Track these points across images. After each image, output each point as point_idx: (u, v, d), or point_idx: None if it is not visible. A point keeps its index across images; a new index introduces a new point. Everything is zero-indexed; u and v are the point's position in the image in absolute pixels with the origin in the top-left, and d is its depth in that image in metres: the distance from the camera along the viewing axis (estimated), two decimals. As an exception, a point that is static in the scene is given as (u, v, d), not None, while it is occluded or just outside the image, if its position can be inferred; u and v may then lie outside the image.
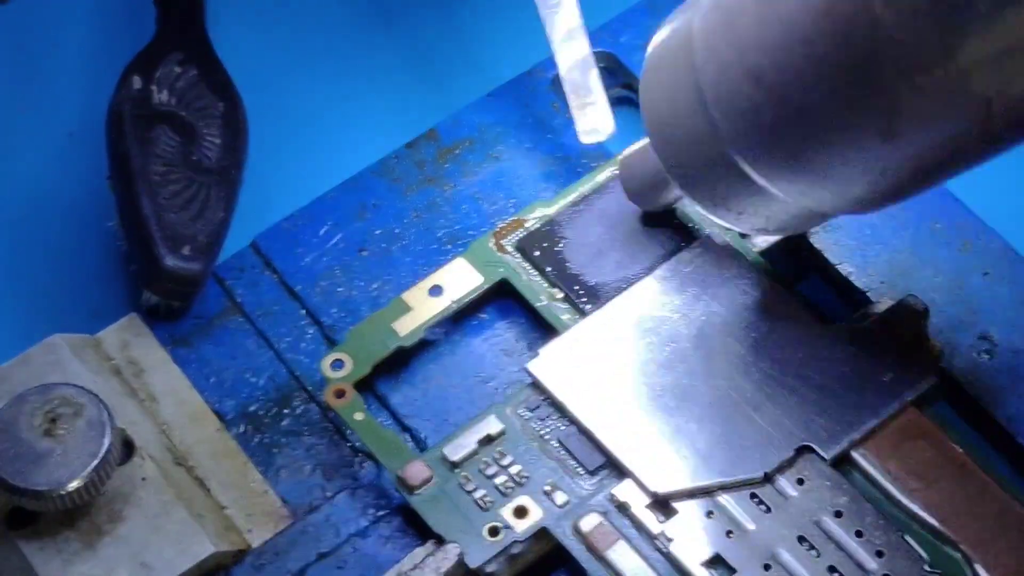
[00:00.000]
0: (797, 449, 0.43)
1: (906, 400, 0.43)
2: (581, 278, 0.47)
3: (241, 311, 0.48)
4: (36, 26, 0.56)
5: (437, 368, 0.47)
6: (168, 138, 0.49)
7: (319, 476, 0.45)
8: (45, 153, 0.53)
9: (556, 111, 0.51)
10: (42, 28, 0.56)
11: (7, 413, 0.42)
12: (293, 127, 0.53)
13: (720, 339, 0.44)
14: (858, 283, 0.46)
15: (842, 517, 0.42)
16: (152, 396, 0.47)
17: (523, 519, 0.43)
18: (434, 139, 0.51)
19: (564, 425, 0.44)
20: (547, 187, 0.49)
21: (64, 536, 0.43)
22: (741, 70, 0.38)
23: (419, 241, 0.49)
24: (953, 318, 0.46)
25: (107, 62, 0.53)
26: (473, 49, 0.54)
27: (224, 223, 0.48)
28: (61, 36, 0.55)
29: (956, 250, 0.46)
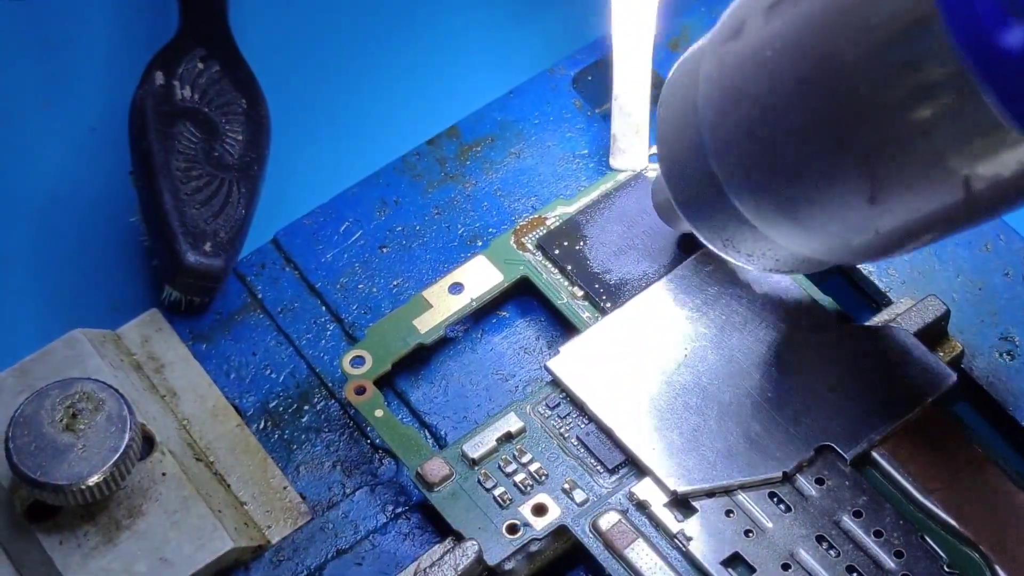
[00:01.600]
0: (817, 449, 0.43)
1: (926, 401, 0.43)
2: (601, 276, 0.47)
3: (262, 307, 0.48)
4: (58, 21, 0.56)
5: (457, 365, 0.47)
6: (190, 134, 0.49)
7: (338, 472, 0.45)
8: (67, 148, 0.53)
9: (578, 109, 0.51)
10: (64, 24, 0.56)
11: (28, 407, 0.43)
12: (314, 124, 0.53)
13: (740, 338, 0.44)
14: (879, 283, 0.46)
15: (861, 517, 0.42)
16: (172, 391, 0.47)
17: (542, 517, 0.43)
18: (455, 136, 0.51)
19: (584, 423, 0.44)
20: (568, 185, 0.49)
21: (84, 530, 0.43)
22: (735, 121, 0.38)
23: (440, 238, 0.49)
24: (974, 319, 0.45)
25: (129, 58, 0.53)
26: (495, 47, 0.54)
27: (245, 219, 0.48)
28: (83, 32, 0.56)
29: (977, 250, 0.46)
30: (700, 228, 0.42)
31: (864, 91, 0.34)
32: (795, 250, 0.40)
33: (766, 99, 0.37)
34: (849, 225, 0.37)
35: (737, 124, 0.38)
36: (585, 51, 0.52)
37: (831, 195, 0.37)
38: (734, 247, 0.41)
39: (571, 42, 0.52)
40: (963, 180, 0.35)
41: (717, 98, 0.39)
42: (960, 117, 0.33)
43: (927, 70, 0.33)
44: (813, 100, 0.36)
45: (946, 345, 0.45)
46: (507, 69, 0.53)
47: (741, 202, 0.39)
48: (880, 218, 0.37)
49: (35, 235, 0.51)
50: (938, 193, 0.35)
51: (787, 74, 0.36)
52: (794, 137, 0.37)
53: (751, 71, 0.37)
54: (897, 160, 0.35)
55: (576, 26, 0.53)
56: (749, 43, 0.37)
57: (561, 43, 0.53)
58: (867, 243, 0.38)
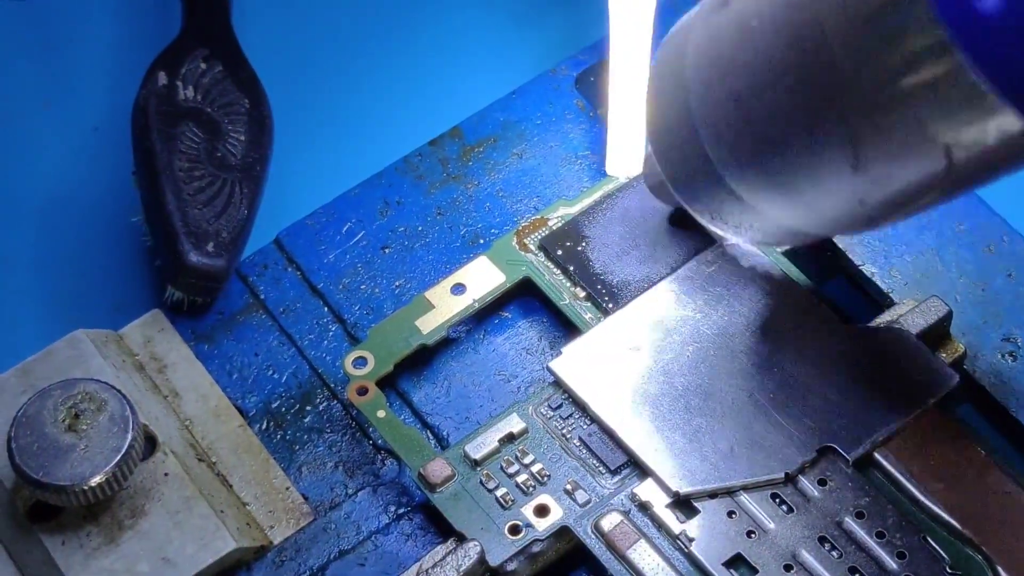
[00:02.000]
0: (819, 450, 0.43)
1: (929, 402, 0.43)
2: (604, 277, 0.47)
3: (264, 308, 0.48)
4: (61, 21, 0.56)
5: (459, 366, 0.47)
6: (193, 134, 0.49)
7: (341, 473, 0.45)
8: (69, 149, 0.53)
9: (580, 110, 0.51)
10: (67, 23, 0.56)
11: (31, 408, 0.43)
12: (316, 124, 0.53)
13: (743, 339, 0.44)
14: (882, 284, 0.46)
15: (864, 518, 0.42)
16: (175, 392, 0.47)
17: (544, 518, 0.43)
18: (458, 137, 0.51)
19: (586, 424, 0.44)
20: (570, 186, 0.49)
21: (86, 530, 0.43)
22: (722, 92, 0.38)
23: (442, 239, 0.49)
24: (977, 320, 0.45)
25: (131, 58, 0.53)
26: (497, 47, 0.54)
27: (248, 220, 0.48)
28: (85, 32, 0.56)
29: (980, 252, 0.46)
30: (688, 200, 0.42)
31: (846, 59, 0.34)
32: (782, 221, 0.40)
33: (751, 68, 0.37)
34: (833, 194, 0.38)
35: (724, 94, 0.38)
36: (588, 52, 0.52)
37: (815, 164, 0.37)
38: (722, 219, 0.41)
39: (573, 43, 0.52)
40: (944, 148, 0.35)
41: (704, 68, 0.39)
42: (941, 84, 0.33)
43: (908, 37, 0.33)
44: (797, 69, 0.36)
45: (948, 346, 0.45)
46: (509, 69, 0.53)
47: (728, 173, 0.39)
48: (864, 187, 0.37)
49: (37, 235, 0.51)
50: (920, 162, 0.35)
51: (772, 43, 0.36)
52: (779, 106, 0.37)
53: (737, 40, 0.37)
54: (879, 128, 0.35)
55: (578, 26, 0.53)
56: (735, 13, 0.37)
57: (563, 43, 0.53)
58: (852, 213, 0.38)
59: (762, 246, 0.42)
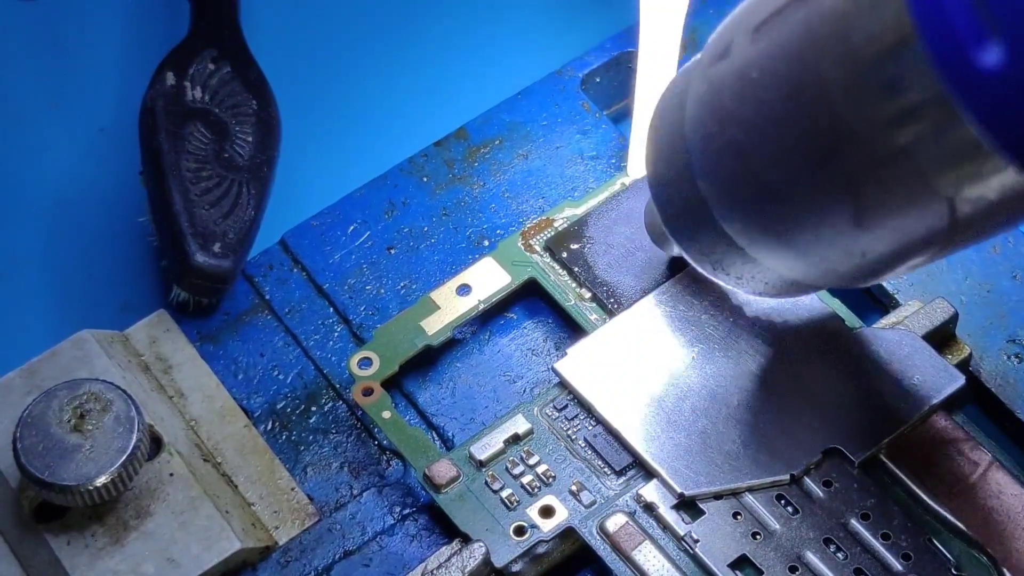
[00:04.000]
0: (824, 451, 0.43)
1: (934, 403, 0.43)
2: (609, 278, 0.47)
3: (269, 308, 0.48)
4: (68, 23, 0.56)
5: (464, 367, 0.47)
6: (200, 135, 0.49)
7: (346, 474, 0.45)
8: (76, 149, 0.53)
9: (586, 111, 0.51)
10: (74, 25, 0.56)
11: (36, 408, 0.43)
12: (322, 125, 0.53)
13: (748, 340, 0.44)
14: (888, 286, 0.46)
15: (869, 520, 0.42)
16: (180, 392, 0.47)
17: (549, 519, 0.43)
18: (463, 138, 0.51)
19: (591, 425, 0.44)
20: (576, 187, 0.49)
21: (91, 531, 0.43)
22: (722, 142, 0.38)
23: (447, 240, 0.49)
24: (982, 321, 0.45)
25: (138, 58, 0.54)
26: (503, 48, 0.54)
27: (255, 221, 0.48)
28: (92, 32, 0.56)
29: (986, 253, 0.46)
30: (689, 250, 0.42)
31: (846, 112, 0.34)
32: (783, 273, 0.40)
33: (751, 120, 0.37)
34: (835, 248, 0.37)
35: (723, 145, 0.38)
36: (594, 52, 0.52)
37: (816, 218, 0.37)
38: (723, 270, 0.41)
39: (580, 43, 0.52)
40: (948, 203, 0.34)
41: (704, 119, 0.38)
42: (942, 139, 0.33)
43: (908, 91, 0.33)
44: (796, 121, 0.35)
45: (954, 347, 0.45)
46: (515, 71, 0.53)
47: (729, 224, 0.39)
48: (866, 241, 0.36)
49: (43, 236, 0.51)
50: (923, 216, 0.35)
51: (771, 95, 0.36)
52: (779, 159, 0.36)
53: (737, 92, 0.37)
54: (881, 182, 0.35)
55: (585, 27, 0.53)
56: (735, 64, 0.37)
57: (569, 45, 0.53)
58: (855, 267, 0.38)
59: (765, 296, 0.42)
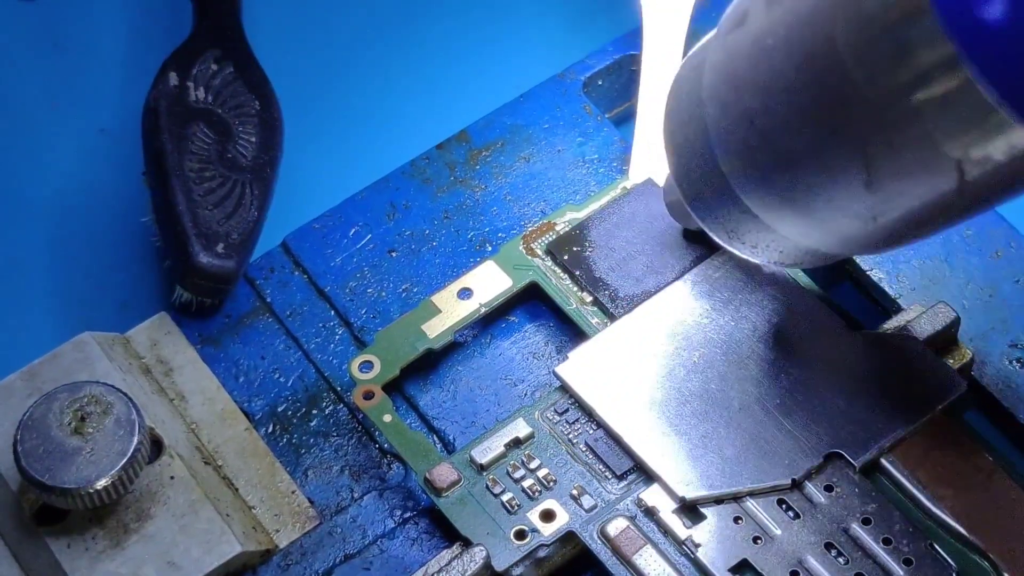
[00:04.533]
0: (826, 456, 0.42)
1: (936, 408, 0.43)
2: (611, 282, 0.47)
3: (270, 311, 0.48)
4: (68, 23, 0.56)
5: (466, 371, 0.47)
6: (203, 135, 0.49)
7: (347, 477, 0.45)
8: (76, 149, 0.53)
9: (588, 114, 0.51)
10: (74, 25, 0.56)
11: (37, 411, 0.43)
12: (324, 127, 0.53)
13: (749, 344, 0.44)
14: (889, 290, 0.46)
15: (870, 524, 0.42)
16: (181, 395, 0.47)
17: (550, 523, 0.43)
18: (465, 141, 0.50)
19: (592, 429, 0.44)
20: (577, 190, 0.49)
21: (92, 534, 0.43)
22: (738, 111, 0.38)
23: (449, 243, 0.49)
24: (984, 326, 0.45)
25: (138, 59, 0.54)
26: (505, 50, 0.54)
27: (258, 222, 0.48)
28: (93, 33, 0.56)
29: (988, 257, 0.46)
30: (705, 220, 0.42)
31: (858, 75, 0.34)
32: (798, 241, 0.40)
33: (766, 87, 0.37)
34: (848, 213, 0.38)
35: (739, 113, 0.38)
36: (596, 56, 0.51)
37: (829, 182, 0.37)
38: (739, 238, 0.41)
39: (582, 46, 0.52)
40: (956, 166, 0.35)
41: (720, 88, 0.39)
42: (951, 100, 0.33)
43: (917, 51, 0.33)
44: (810, 86, 0.36)
45: (956, 352, 0.45)
46: (517, 73, 0.52)
47: (744, 192, 0.40)
48: (878, 206, 0.37)
49: (44, 237, 0.51)
50: (933, 179, 0.35)
51: (786, 61, 0.36)
52: (793, 124, 0.37)
53: (752, 59, 0.37)
54: (891, 144, 0.35)
55: (587, 30, 0.53)
56: (751, 32, 0.38)
57: (572, 47, 0.52)
58: (867, 233, 0.38)
59: (779, 266, 0.42)
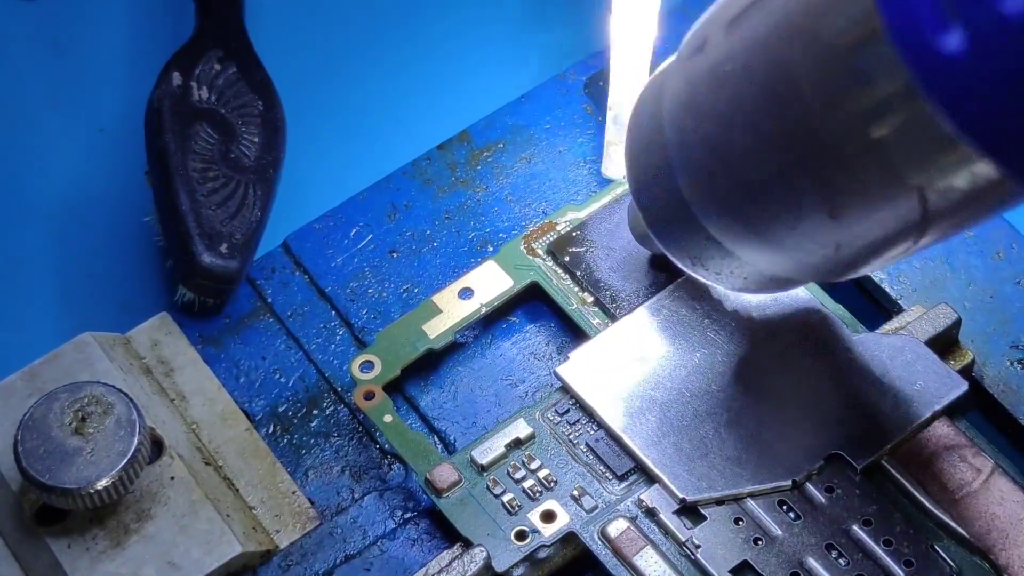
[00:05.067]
0: (827, 457, 0.42)
1: (937, 410, 0.43)
2: (611, 282, 0.46)
3: (271, 311, 0.48)
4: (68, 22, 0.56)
5: (466, 371, 0.47)
6: (207, 135, 0.49)
7: (347, 477, 0.45)
8: (76, 149, 0.53)
9: (589, 114, 0.51)
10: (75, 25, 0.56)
11: (37, 411, 0.43)
12: (325, 128, 0.53)
13: (751, 346, 0.44)
14: (890, 291, 0.46)
15: (871, 526, 0.42)
16: (182, 395, 0.47)
17: (550, 523, 0.43)
18: (466, 141, 0.50)
19: (593, 430, 0.44)
20: (579, 191, 0.49)
21: (92, 534, 0.43)
22: (698, 137, 0.38)
23: (450, 243, 0.49)
24: (985, 327, 0.45)
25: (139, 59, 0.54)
26: (507, 51, 0.54)
27: (261, 222, 0.48)
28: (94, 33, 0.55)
29: (989, 259, 0.46)
30: (669, 246, 0.42)
31: (816, 103, 0.34)
32: (761, 268, 0.40)
33: (726, 114, 0.37)
34: (811, 242, 0.37)
35: (700, 140, 0.38)
36: (597, 56, 0.51)
37: (791, 210, 0.37)
38: (702, 265, 0.41)
39: (583, 47, 0.52)
40: (919, 194, 0.34)
41: (681, 114, 0.38)
42: (910, 129, 0.33)
43: (876, 83, 0.33)
44: (770, 114, 0.35)
45: (957, 353, 0.45)
46: (519, 74, 0.52)
47: (706, 219, 0.39)
48: (841, 234, 0.37)
49: (45, 237, 0.51)
50: (896, 208, 0.35)
51: (745, 88, 0.36)
52: (753, 152, 0.36)
53: (712, 86, 0.37)
54: (852, 173, 0.35)
55: (588, 31, 0.53)
56: (710, 58, 0.37)
57: (573, 48, 0.52)
58: (831, 260, 0.38)
59: (744, 292, 0.42)
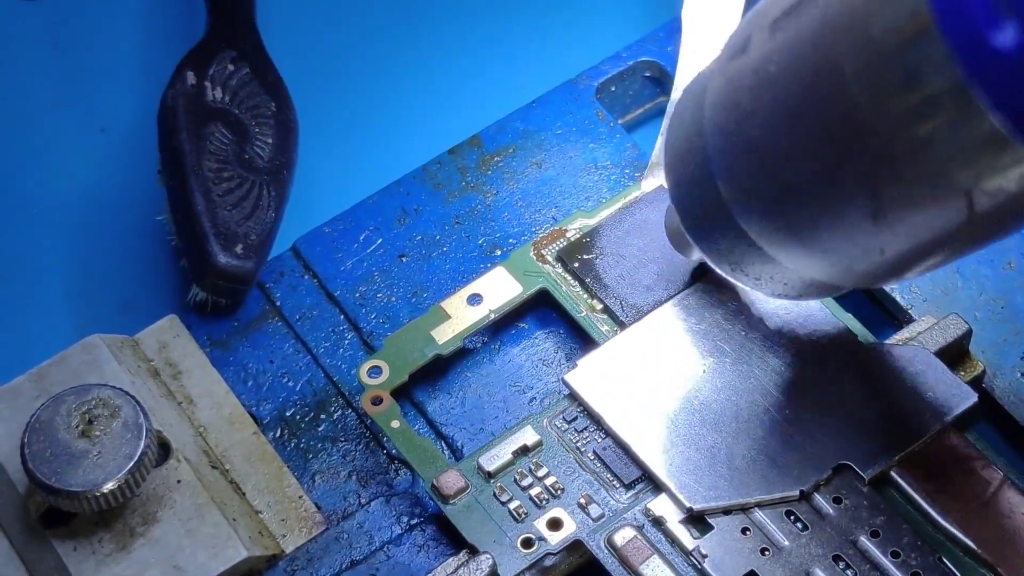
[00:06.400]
0: (835, 468, 0.42)
1: (947, 421, 0.43)
2: (621, 290, 0.46)
3: (280, 315, 0.48)
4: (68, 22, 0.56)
5: (475, 377, 0.46)
6: (221, 135, 0.49)
7: (354, 483, 0.45)
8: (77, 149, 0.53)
9: (601, 120, 0.50)
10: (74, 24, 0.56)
11: (44, 413, 0.43)
12: (335, 132, 0.53)
13: (760, 355, 0.44)
14: (901, 301, 0.46)
15: (879, 537, 0.41)
16: (189, 398, 0.47)
17: (557, 531, 0.43)
18: (477, 145, 0.50)
19: (600, 437, 0.44)
20: (589, 197, 0.49)
21: (98, 537, 0.43)
22: (740, 140, 0.37)
23: (459, 248, 0.49)
24: (996, 338, 0.45)
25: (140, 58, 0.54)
26: (518, 56, 0.54)
27: (274, 224, 0.48)
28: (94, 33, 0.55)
29: (1000, 269, 0.46)
30: (708, 251, 0.42)
31: (863, 104, 0.34)
32: (802, 273, 0.39)
33: (769, 115, 0.36)
34: (854, 245, 0.37)
35: (741, 142, 0.37)
36: (609, 61, 0.51)
37: (834, 214, 0.36)
38: (742, 270, 0.41)
39: (595, 52, 0.52)
40: (966, 196, 0.34)
41: (722, 116, 0.38)
42: (960, 128, 0.33)
43: (926, 80, 0.32)
44: (814, 115, 0.35)
45: (967, 364, 0.44)
46: (530, 79, 0.52)
47: (747, 223, 0.39)
48: (885, 238, 0.36)
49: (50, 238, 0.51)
50: (942, 210, 0.35)
51: (789, 89, 0.36)
52: (796, 154, 0.36)
53: (755, 87, 0.37)
54: (899, 174, 0.34)
55: (600, 36, 0.53)
56: (753, 59, 0.37)
57: (585, 53, 0.52)
58: (874, 265, 0.37)
59: (783, 298, 0.42)
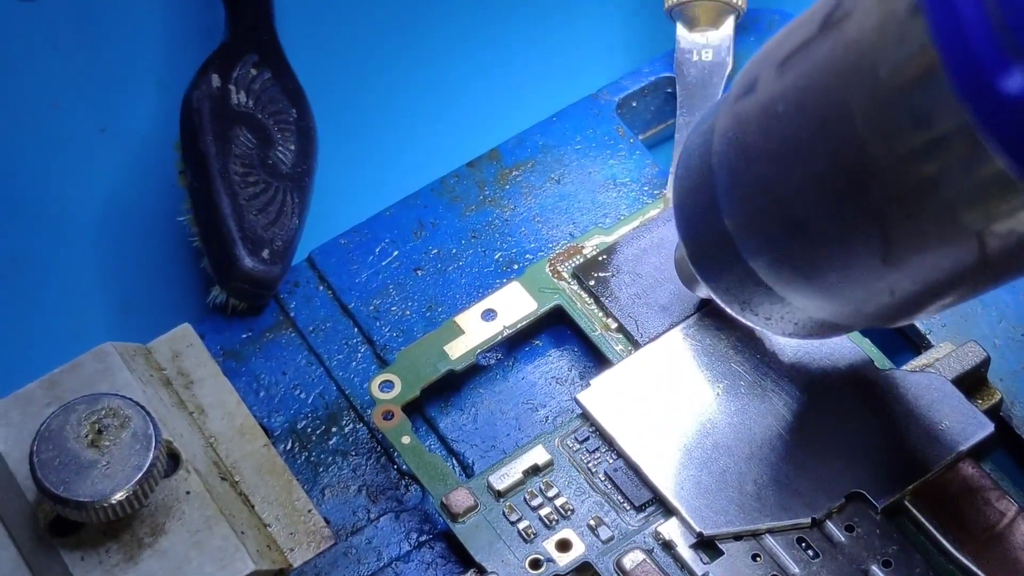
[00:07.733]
0: (847, 495, 0.42)
1: (962, 450, 0.42)
2: (636, 309, 0.46)
3: (293, 326, 0.48)
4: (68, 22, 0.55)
5: (487, 393, 0.46)
6: (246, 139, 0.48)
7: (364, 497, 0.45)
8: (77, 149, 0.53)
9: (621, 136, 0.50)
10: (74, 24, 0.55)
11: (54, 422, 0.42)
12: (354, 143, 0.53)
13: (775, 379, 0.44)
14: (920, 326, 0.45)
15: (891, 567, 0.41)
16: (201, 408, 0.46)
17: (566, 552, 0.42)
18: (496, 159, 0.50)
19: (612, 458, 0.44)
20: (607, 213, 0.49)
21: (106, 547, 0.43)
22: (748, 179, 0.37)
23: (475, 263, 0.48)
24: (1015, 365, 0.45)
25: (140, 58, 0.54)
26: (539, 70, 0.53)
27: (298, 231, 0.48)
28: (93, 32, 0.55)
29: (1020, 295, 0.46)
30: (717, 290, 0.41)
31: (872, 145, 0.33)
32: (812, 313, 0.39)
33: (777, 155, 0.36)
34: (864, 286, 0.37)
35: (749, 181, 0.37)
36: (631, 77, 0.51)
37: (844, 254, 0.36)
38: (751, 310, 0.41)
39: (617, 67, 0.52)
40: (977, 238, 0.34)
41: (730, 155, 0.38)
42: (969, 171, 0.32)
43: (934, 122, 0.32)
44: (822, 155, 0.35)
45: (985, 392, 0.44)
46: (551, 93, 0.52)
47: (755, 262, 0.39)
48: (895, 279, 0.36)
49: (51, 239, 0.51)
50: (952, 252, 0.34)
51: (797, 129, 0.35)
52: (805, 194, 0.36)
53: (763, 127, 0.36)
54: (908, 217, 0.34)
55: (622, 51, 0.53)
56: (761, 99, 0.37)
57: (606, 68, 0.52)
58: (884, 306, 0.37)
59: (793, 337, 0.42)
